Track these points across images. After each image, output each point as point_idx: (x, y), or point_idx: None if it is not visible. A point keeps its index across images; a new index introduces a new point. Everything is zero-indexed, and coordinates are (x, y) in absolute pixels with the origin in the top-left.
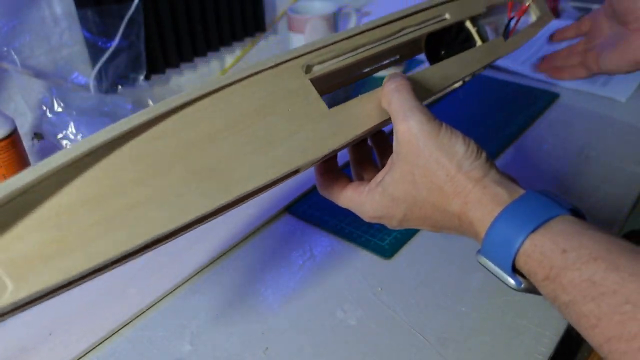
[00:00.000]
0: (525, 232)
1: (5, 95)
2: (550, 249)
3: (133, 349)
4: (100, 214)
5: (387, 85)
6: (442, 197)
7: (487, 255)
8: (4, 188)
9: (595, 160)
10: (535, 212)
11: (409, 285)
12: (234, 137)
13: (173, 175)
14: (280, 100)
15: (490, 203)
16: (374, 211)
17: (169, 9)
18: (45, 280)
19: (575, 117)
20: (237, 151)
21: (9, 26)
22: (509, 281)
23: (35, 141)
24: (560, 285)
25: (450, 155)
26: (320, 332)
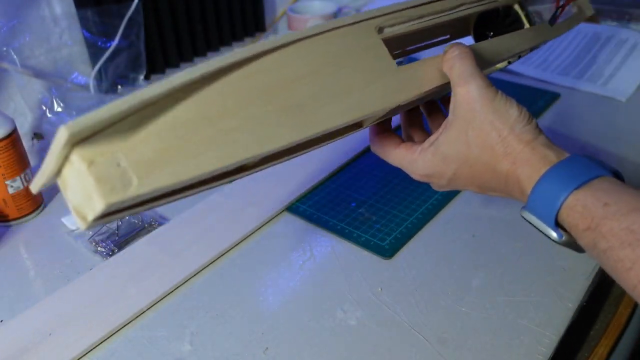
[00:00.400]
0: (570, 188)
1: (5, 95)
2: (592, 203)
3: (133, 349)
4: (206, 132)
5: (450, 52)
6: (493, 156)
7: (531, 210)
8: (133, 99)
9: None
10: (579, 171)
11: (409, 285)
12: (315, 82)
13: (265, 108)
14: (355, 54)
15: (538, 163)
16: (425, 169)
17: (169, 9)
18: (162, 180)
19: (575, 117)
20: (317, 95)
21: (8, 26)
22: (551, 234)
23: (35, 141)
24: (600, 234)
25: (504, 118)
26: (320, 332)
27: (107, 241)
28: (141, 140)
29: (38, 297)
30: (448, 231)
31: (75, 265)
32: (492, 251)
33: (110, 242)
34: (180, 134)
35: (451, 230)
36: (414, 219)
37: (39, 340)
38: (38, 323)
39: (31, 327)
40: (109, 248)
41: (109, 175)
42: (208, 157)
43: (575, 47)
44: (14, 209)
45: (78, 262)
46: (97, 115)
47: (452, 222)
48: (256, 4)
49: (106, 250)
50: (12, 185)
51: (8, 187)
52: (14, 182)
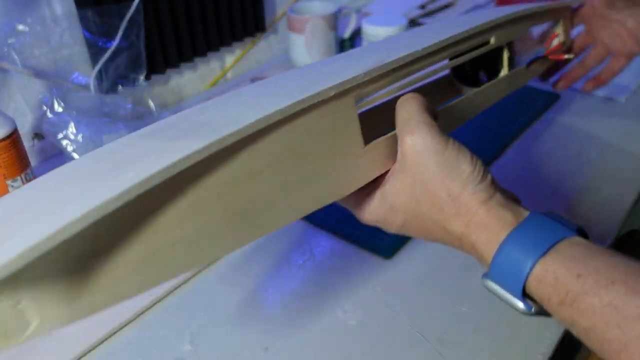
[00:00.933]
0: (535, 257)
1: (6, 95)
2: (564, 274)
3: (133, 349)
4: (143, 250)
5: (400, 100)
6: (443, 216)
7: (495, 279)
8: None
9: (595, 160)
10: (542, 235)
11: (409, 285)
12: (272, 177)
13: (212, 216)
14: (325, 138)
15: (495, 226)
16: (372, 215)
17: (169, 9)
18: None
19: (575, 117)
20: (271, 193)
21: (9, 26)
22: (519, 306)
23: (35, 141)
24: (578, 311)
25: (454, 174)
26: (320, 332)
27: None
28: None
29: None
30: None
31: None
32: None
33: None
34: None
35: None
36: None
37: (39, 340)
38: None
39: None
40: None
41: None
42: (129, 285)
43: None
44: None
45: None
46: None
47: None
48: (256, 4)
49: None
50: (13, 185)
51: (8, 187)
52: (14, 182)
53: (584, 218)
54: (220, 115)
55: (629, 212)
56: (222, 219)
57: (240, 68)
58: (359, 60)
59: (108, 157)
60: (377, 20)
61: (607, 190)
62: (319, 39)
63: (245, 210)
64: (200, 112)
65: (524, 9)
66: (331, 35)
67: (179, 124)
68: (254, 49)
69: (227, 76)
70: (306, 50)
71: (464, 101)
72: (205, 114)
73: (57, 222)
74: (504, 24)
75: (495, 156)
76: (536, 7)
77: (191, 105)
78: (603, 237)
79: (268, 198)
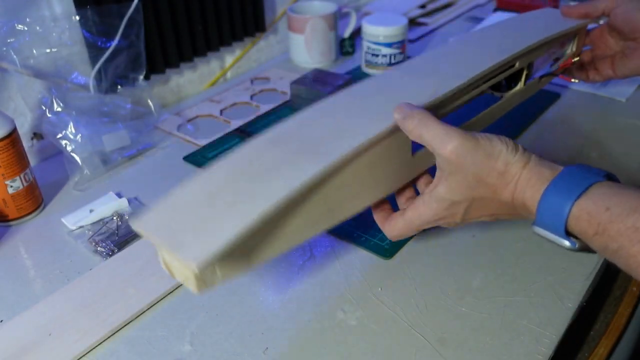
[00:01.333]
0: (571, 200)
1: (5, 95)
2: (595, 210)
3: (133, 349)
4: (272, 236)
5: (409, 122)
6: (496, 191)
7: (541, 225)
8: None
9: (595, 160)
10: (576, 182)
11: (409, 285)
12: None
13: (321, 208)
14: (386, 157)
15: (537, 182)
16: (434, 215)
17: (169, 9)
18: (240, 271)
19: (575, 117)
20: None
21: (8, 26)
22: (565, 243)
23: (34, 141)
24: (609, 237)
25: (495, 157)
26: (320, 332)
27: (107, 241)
28: (232, 252)
29: (38, 297)
30: (448, 231)
31: (75, 265)
32: (492, 251)
33: (110, 242)
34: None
35: (451, 230)
36: None
37: (39, 340)
38: (38, 323)
39: (31, 327)
40: (109, 248)
41: (205, 276)
42: (272, 247)
43: None
44: (14, 209)
45: (78, 262)
46: (219, 250)
47: None
48: (256, 4)
49: (106, 250)
50: (12, 185)
51: (8, 187)
52: (13, 182)
53: None
54: (328, 133)
55: None
56: (322, 214)
57: (240, 68)
58: (417, 86)
59: (248, 165)
60: (377, 20)
61: None
62: (319, 39)
63: (334, 207)
64: (308, 126)
65: (547, 36)
66: (331, 35)
67: (296, 135)
68: (254, 49)
69: (226, 76)
70: (306, 50)
71: (488, 112)
72: (312, 127)
73: (243, 219)
74: (528, 52)
75: None
76: (558, 33)
77: (191, 105)
78: None
79: (349, 198)
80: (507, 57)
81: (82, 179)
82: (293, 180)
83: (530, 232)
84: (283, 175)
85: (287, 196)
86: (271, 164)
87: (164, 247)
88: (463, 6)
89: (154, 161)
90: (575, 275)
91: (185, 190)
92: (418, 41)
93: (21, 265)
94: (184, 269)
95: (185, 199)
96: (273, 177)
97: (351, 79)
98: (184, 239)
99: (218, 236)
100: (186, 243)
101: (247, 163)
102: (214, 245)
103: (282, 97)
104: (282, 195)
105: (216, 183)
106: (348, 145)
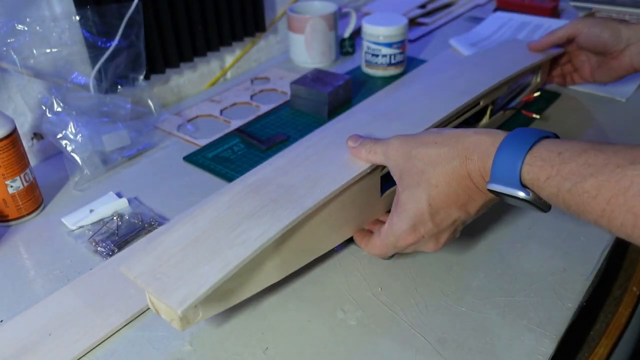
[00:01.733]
0: (524, 150)
1: (5, 95)
2: (548, 155)
3: (133, 349)
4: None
5: (361, 150)
6: (445, 163)
7: (496, 180)
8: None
9: None
10: (527, 137)
11: (409, 285)
12: (330, 223)
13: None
14: (359, 198)
15: (488, 139)
16: (407, 225)
17: (169, 9)
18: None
19: (575, 117)
20: (328, 231)
21: (8, 26)
22: (519, 194)
23: (34, 141)
24: (562, 177)
25: (431, 135)
26: (320, 332)
27: (107, 241)
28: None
29: (38, 297)
30: None
31: (75, 265)
32: (492, 251)
33: (110, 242)
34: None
35: None
36: None
37: (39, 340)
38: (38, 323)
39: (31, 327)
40: (109, 248)
41: (188, 317)
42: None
43: None
44: (14, 209)
45: (78, 262)
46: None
47: None
48: (256, 4)
49: (106, 250)
50: (12, 185)
51: (8, 187)
52: (13, 182)
53: None
54: (302, 180)
55: None
56: (296, 255)
57: (240, 68)
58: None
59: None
60: (377, 20)
61: None
62: (319, 39)
63: (307, 247)
64: (284, 174)
65: (512, 74)
66: (331, 35)
67: (273, 182)
68: (254, 49)
69: (226, 76)
70: (306, 50)
71: None
72: (287, 176)
73: (224, 267)
74: (492, 91)
75: None
76: (522, 69)
77: (191, 105)
78: (603, 237)
79: (321, 238)
80: (472, 98)
81: (82, 179)
82: (270, 229)
83: (530, 233)
84: (260, 223)
85: (264, 244)
86: (250, 211)
87: (151, 292)
88: (463, 6)
89: (154, 161)
90: (575, 275)
91: (171, 236)
92: (418, 41)
93: (21, 265)
94: (169, 311)
95: (170, 245)
96: (252, 226)
97: (351, 79)
98: (168, 285)
99: (200, 283)
100: (171, 289)
101: (228, 210)
102: (196, 292)
103: (282, 97)
104: (259, 243)
105: (200, 229)
106: (320, 193)
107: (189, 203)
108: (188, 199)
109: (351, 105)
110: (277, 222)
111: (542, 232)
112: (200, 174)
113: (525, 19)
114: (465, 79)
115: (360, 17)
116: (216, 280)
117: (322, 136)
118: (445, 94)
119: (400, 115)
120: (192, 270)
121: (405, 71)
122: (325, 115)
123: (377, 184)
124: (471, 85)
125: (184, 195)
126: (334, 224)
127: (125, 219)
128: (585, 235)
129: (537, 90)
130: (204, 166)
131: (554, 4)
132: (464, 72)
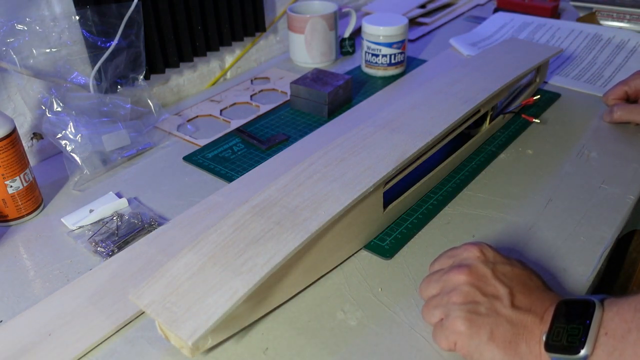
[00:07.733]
0: None
1: (5, 95)
2: None
3: (133, 349)
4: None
5: None
6: None
7: None
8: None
9: (595, 160)
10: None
11: (409, 285)
12: (334, 240)
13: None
14: (363, 215)
15: None
16: None
17: (169, 9)
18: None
19: (575, 117)
20: (331, 250)
21: (8, 26)
22: None
23: (34, 141)
24: None
25: None
26: (320, 332)
27: (107, 241)
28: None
29: (38, 297)
30: (448, 231)
31: (75, 265)
32: None
33: (110, 242)
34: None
35: (451, 230)
36: (414, 219)
37: (39, 340)
38: (38, 323)
39: (31, 327)
40: (108, 248)
41: (198, 345)
42: (258, 310)
43: (576, 48)
44: (14, 209)
45: (78, 262)
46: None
47: (452, 222)
48: (256, 4)
49: (106, 250)
50: (12, 186)
51: (7, 187)
52: (13, 182)
53: (584, 218)
54: (306, 200)
55: (629, 212)
56: (300, 276)
57: (240, 68)
58: (384, 150)
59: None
60: (377, 19)
61: (607, 190)
62: (319, 39)
63: (312, 267)
64: (287, 194)
65: (511, 79)
66: (331, 34)
67: (278, 204)
68: (254, 49)
69: (226, 76)
70: (306, 50)
71: (458, 153)
72: (291, 196)
73: (232, 296)
74: (491, 99)
75: (495, 155)
76: (522, 73)
77: (191, 105)
78: (603, 237)
79: (325, 257)
80: (474, 107)
81: (82, 179)
82: (276, 255)
83: (530, 233)
84: (266, 249)
85: (270, 271)
86: (255, 236)
87: (161, 322)
88: (463, 6)
89: (153, 161)
90: (575, 275)
91: (179, 262)
92: (418, 41)
93: (21, 265)
94: (179, 340)
95: (178, 272)
96: (258, 252)
97: (351, 79)
98: (178, 315)
99: (210, 313)
100: (181, 319)
101: (234, 234)
102: (206, 322)
103: (282, 97)
104: (266, 271)
105: (207, 254)
106: (325, 215)
107: (189, 203)
108: (188, 199)
109: (351, 106)
110: (282, 247)
111: (542, 233)
112: (200, 174)
113: (527, 19)
114: (466, 84)
115: (360, 17)
116: (225, 309)
117: (325, 151)
118: (447, 101)
119: (402, 126)
120: (201, 299)
121: (405, 71)
122: (325, 115)
123: (380, 199)
124: (472, 92)
125: (183, 195)
126: (338, 242)
127: (125, 219)
128: (585, 236)
129: (537, 92)
130: (203, 166)
131: (555, 3)
132: (464, 77)
